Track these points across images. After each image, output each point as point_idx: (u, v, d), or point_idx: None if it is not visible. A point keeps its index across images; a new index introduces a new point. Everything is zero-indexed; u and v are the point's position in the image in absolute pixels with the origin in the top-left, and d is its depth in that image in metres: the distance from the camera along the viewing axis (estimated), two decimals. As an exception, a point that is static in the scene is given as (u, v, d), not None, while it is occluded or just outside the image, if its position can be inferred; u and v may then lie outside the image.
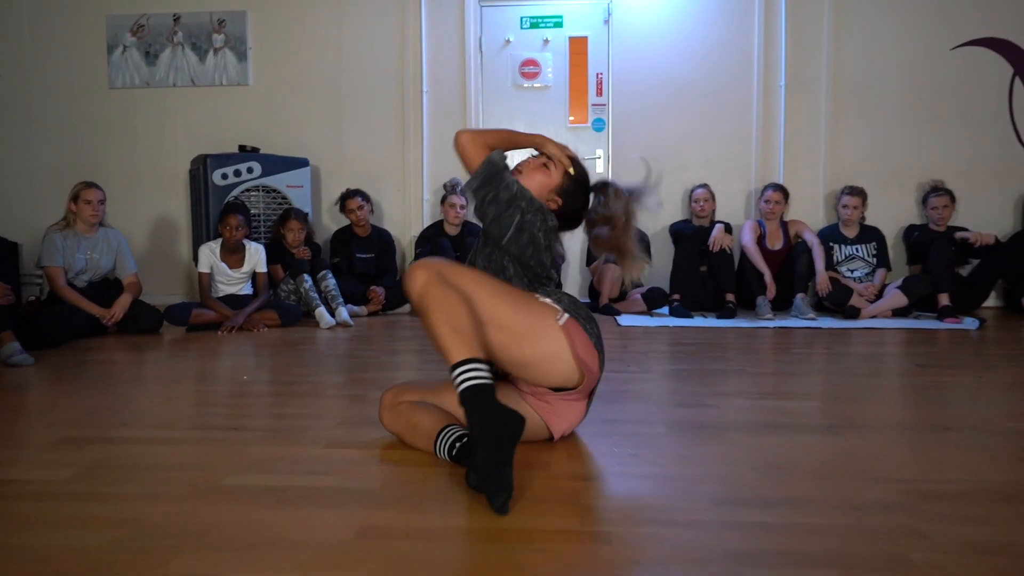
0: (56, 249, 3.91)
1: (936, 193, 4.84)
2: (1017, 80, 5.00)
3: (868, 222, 4.91)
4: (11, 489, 1.51)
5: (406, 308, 4.88)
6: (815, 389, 2.48)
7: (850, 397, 2.34)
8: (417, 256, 4.90)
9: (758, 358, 3.12)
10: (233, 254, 4.25)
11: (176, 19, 5.39)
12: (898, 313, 4.51)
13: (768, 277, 4.60)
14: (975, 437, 1.86)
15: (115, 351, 3.43)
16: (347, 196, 4.97)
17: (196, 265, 4.30)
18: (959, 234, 4.62)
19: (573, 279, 5.36)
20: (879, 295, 4.62)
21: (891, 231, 5.02)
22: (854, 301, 4.53)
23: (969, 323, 4.14)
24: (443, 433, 1.63)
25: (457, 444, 1.59)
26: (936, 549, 1.20)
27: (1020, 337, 3.77)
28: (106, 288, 4.08)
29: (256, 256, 4.29)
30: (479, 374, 1.43)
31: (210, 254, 4.22)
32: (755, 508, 1.37)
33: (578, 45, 5.25)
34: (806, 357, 3.16)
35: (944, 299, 4.38)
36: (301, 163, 5.09)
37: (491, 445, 1.36)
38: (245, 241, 4.29)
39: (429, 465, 1.64)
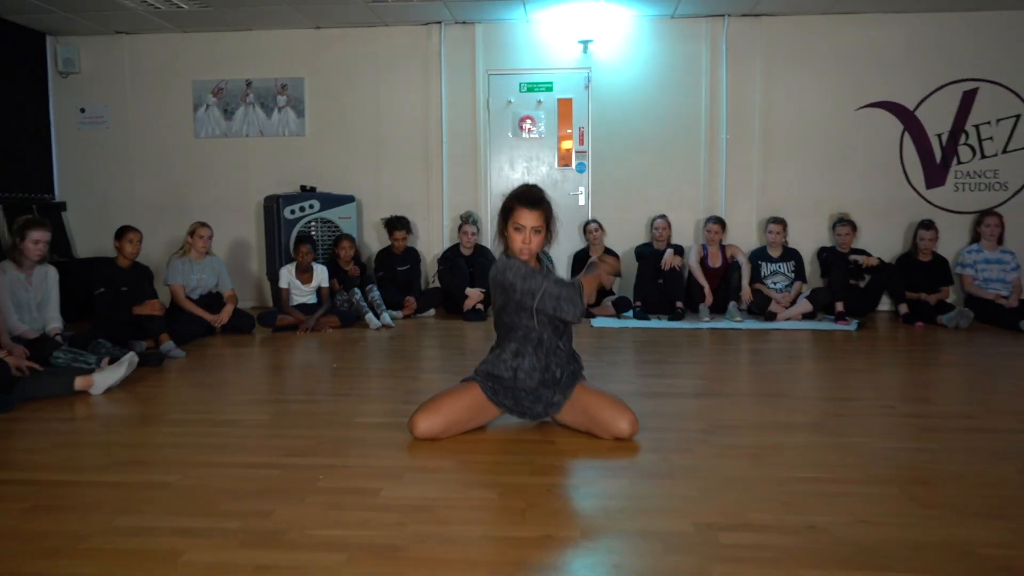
0: (178, 272, 5.37)
1: (842, 223, 6.22)
2: (906, 134, 6.39)
3: (790, 245, 6.30)
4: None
5: (431, 312, 6.33)
6: (724, 373, 3.92)
7: (726, 377, 3.78)
8: (439, 272, 6.34)
9: (697, 353, 4.57)
10: (304, 273, 5.71)
11: (248, 83, 6.84)
12: (807, 317, 5.92)
13: (707, 289, 6.00)
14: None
15: (224, 347, 4.90)
16: (395, 228, 6.33)
17: (277, 282, 5.75)
18: (852, 256, 6.01)
19: (561, 288, 6.79)
20: (794, 302, 6.02)
21: (808, 252, 6.41)
22: (772, 307, 5.94)
23: (853, 325, 5.55)
24: None
25: None
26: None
27: (878, 335, 5.19)
28: (211, 300, 5.54)
29: (322, 275, 5.75)
30: None
31: (288, 273, 5.68)
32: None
33: (565, 105, 6.67)
34: (728, 351, 4.60)
35: (839, 307, 5.77)
36: (349, 199, 6.53)
37: None
38: (312, 263, 5.75)
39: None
